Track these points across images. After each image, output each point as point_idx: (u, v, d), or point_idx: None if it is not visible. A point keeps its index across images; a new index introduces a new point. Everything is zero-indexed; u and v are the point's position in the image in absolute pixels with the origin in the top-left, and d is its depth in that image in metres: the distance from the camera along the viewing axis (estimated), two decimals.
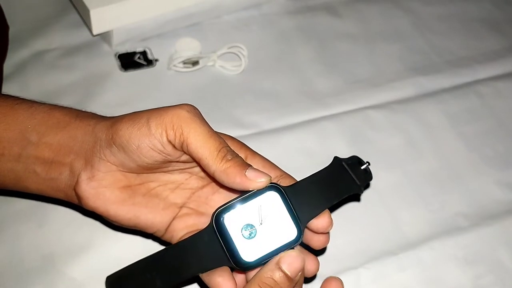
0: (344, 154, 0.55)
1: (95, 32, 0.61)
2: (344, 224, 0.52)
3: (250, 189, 0.38)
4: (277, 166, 0.43)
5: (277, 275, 0.37)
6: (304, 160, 0.56)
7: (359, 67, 0.66)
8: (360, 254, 0.50)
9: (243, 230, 0.38)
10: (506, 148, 0.60)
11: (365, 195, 0.54)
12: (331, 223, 0.39)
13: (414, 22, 0.72)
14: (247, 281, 0.41)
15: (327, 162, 0.42)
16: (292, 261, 0.37)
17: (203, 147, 0.38)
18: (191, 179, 0.44)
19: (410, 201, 0.55)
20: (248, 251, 0.38)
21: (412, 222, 0.53)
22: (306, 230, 0.40)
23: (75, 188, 0.40)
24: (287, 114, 0.60)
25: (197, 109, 0.40)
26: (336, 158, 0.42)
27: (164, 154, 0.39)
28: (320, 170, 0.41)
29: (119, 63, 0.62)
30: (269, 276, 0.37)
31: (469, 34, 0.71)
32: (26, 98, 0.43)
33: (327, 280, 0.40)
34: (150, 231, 0.42)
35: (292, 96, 0.62)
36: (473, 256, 0.51)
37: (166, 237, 0.43)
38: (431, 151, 0.59)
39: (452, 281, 0.50)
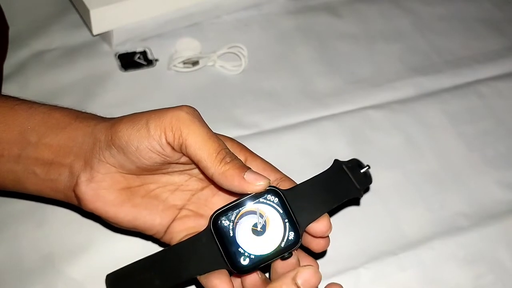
0: (344, 154, 0.56)
1: (95, 32, 0.61)
2: (344, 224, 0.52)
3: (249, 192, 0.38)
4: (277, 169, 0.43)
5: None
6: (304, 160, 0.56)
7: (359, 67, 0.66)
8: (360, 254, 0.50)
9: (241, 233, 0.38)
10: (506, 148, 0.60)
11: (365, 195, 0.54)
12: (330, 227, 0.39)
13: (414, 22, 0.72)
14: (243, 285, 0.41)
15: (327, 162, 0.42)
16: (309, 278, 0.37)
17: (202, 149, 0.38)
18: (191, 181, 0.43)
19: (410, 201, 0.55)
20: (245, 255, 0.38)
21: (412, 222, 0.53)
22: (305, 234, 0.40)
23: (74, 189, 0.40)
24: (287, 114, 0.60)
25: (196, 110, 0.40)
26: (336, 161, 0.42)
27: (163, 156, 0.39)
28: (320, 173, 0.41)
29: (119, 63, 0.62)
30: None
31: (469, 34, 0.71)
32: (26, 98, 0.43)
33: (328, 286, 0.40)
34: (149, 232, 0.42)
35: (292, 96, 0.62)
36: (473, 256, 0.51)
37: (166, 239, 0.42)
38: (431, 151, 0.59)
39: (452, 281, 0.50)
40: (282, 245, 0.38)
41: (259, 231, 0.38)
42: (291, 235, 0.38)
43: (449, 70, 0.66)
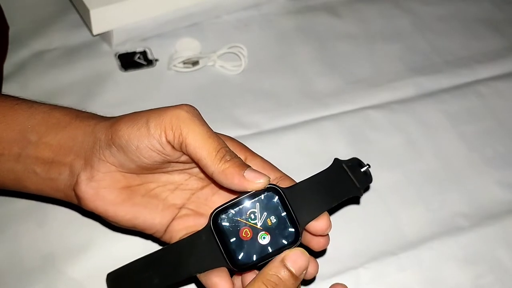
0: (344, 154, 0.56)
1: (95, 32, 0.61)
2: (343, 224, 0.52)
3: (249, 190, 0.38)
4: (277, 168, 0.43)
5: (282, 273, 0.37)
6: (304, 160, 0.56)
7: (359, 67, 0.66)
8: (360, 254, 0.50)
9: (241, 231, 0.38)
10: (506, 148, 0.60)
11: (365, 195, 0.54)
12: (329, 225, 0.39)
13: (414, 22, 0.72)
14: (243, 286, 0.41)
15: (327, 162, 0.42)
16: (297, 259, 0.37)
17: (202, 148, 0.38)
18: (191, 180, 0.44)
19: (410, 201, 0.55)
20: (245, 252, 0.38)
21: (412, 222, 0.53)
22: (305, 232, 0.40)
23: (74, 188, 0.40)
24: (287, 114, 0.60)
25: (196, 109, 0.40)
26: (336, 159, 0.42)
27: (163, 155, 0.39)
28: (320, 172, 0.41)
29: (119, 63, 0.62)
30: (274, 273, 0.37)
31: (469, 34, 0.71)
32: (26, 98, 0.43)
33: (333, 287, 0.40)
34: (149, 232, 0.42)
35: (292, 96, 0.62)
36: (473, 256, 0.51)
37: (166, 238, 0.43)
38: (431, 151, 0.59)
39: (452, 281, 0.50)
40: (282, 243, 0.38)
41: (259, 228, 0.38)
42: (291, 233, 0.38)
43: (449, 70, 0.66)
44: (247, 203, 0.38)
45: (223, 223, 0.38)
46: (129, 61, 0.63)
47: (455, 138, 0.60)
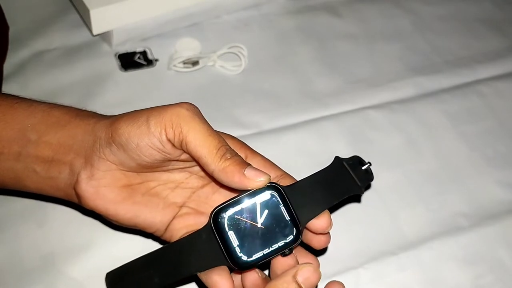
0: (344, 154, 0.55)
1: (95, 32, 0.61)
2: (343, 224, 0.52)
3: (249, 188, 0.38)
4: (277, 166, 0.43)
5: None
6: (304, 160, 0.56)
7: (359, 67, 0.66)
8: (359, 254, 0.50)
9: (241, 229, 0.38)
10: (506, 148, 0.60)
11: (365, 195, 0.54)
12: (330, 223, 0.39)
13: (414, 22, 0.72)
14: (243, 284, 0.41)
15: (327, 162, 0.42)
16: (309, 276, 0.37)
17: (202, 146, 0.38)
18: (191, 179, 0.43)
19: (410, 201, 0.55)
20: (246, 251, 0.38)
21: (412, 222, 0.53)
22: (306, 230, 0.40)
23: (74, 187, 0.40)
24: (287, 114, 0.60)
25: (196, 107, 0.40)
26: (337, 158, 0.42)
27: (163, 153, 0.39)
28: (321, 170, 0.41)
29: (119, 63, 0.62)
30: (284, 287, 0.37)
31: (469, 34, 0.71)
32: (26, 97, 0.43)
33: (329, 285, 0.40)
34: (149, 230, 0.42)
35: (292, 96, 0.62)
36: (473, 256, 0.51)
37: (166, 237, 0.42)
38: (431, 151, 0.59)
39: (452, 281, 0.50)
40: (283, 241, 0.38)
41: (260, 227, 0.38)
42: (292, 232, 0.38)
43: (449, 70, 0.66)
44: (248, 202, 0.38)
45: (224, 222, 0.38)
46: (129, 61, 0.63)
47: (455, 138, 0.60)
